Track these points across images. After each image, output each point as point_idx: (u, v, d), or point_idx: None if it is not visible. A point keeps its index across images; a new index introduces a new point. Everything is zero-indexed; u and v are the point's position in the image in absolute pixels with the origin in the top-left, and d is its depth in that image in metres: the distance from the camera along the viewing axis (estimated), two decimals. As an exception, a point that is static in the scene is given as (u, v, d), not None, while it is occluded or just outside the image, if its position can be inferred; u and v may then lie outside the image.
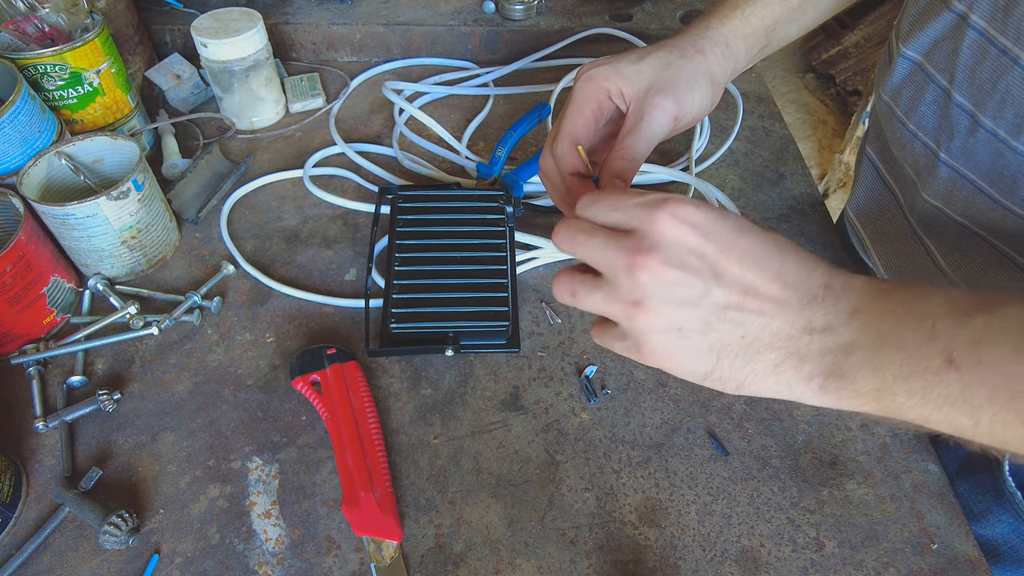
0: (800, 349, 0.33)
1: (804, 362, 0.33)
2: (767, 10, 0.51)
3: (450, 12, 0.92)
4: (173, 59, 0.84)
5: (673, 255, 0.32)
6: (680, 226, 0.32)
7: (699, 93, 0.46)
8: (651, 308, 0.33)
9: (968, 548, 0.49)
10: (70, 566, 0.48)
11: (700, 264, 0.32)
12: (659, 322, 0.33)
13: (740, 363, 0.34)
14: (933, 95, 0.48)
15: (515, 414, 0.56)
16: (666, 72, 0.45)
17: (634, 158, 0.43)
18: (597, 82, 0.45)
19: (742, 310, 0.33)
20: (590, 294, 0.35)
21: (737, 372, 0.34)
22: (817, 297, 0.33)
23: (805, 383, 0.33)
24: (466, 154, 0.77)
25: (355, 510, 0.49)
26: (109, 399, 0.55)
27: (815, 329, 0.32)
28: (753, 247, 0.33)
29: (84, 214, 0.58)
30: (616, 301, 0.34)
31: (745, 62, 0.51)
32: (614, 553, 0.49)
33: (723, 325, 0.33)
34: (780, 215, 0.72)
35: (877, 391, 0.32)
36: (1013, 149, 0.42)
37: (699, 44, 0.48)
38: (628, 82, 0.45)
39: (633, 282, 0.33)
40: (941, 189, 0.49)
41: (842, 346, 0.32)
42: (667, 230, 0.33)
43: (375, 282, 0.64)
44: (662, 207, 0.33)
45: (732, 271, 0.33)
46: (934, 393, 0.30)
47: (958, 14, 0.44)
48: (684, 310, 0.33)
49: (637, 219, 0.34)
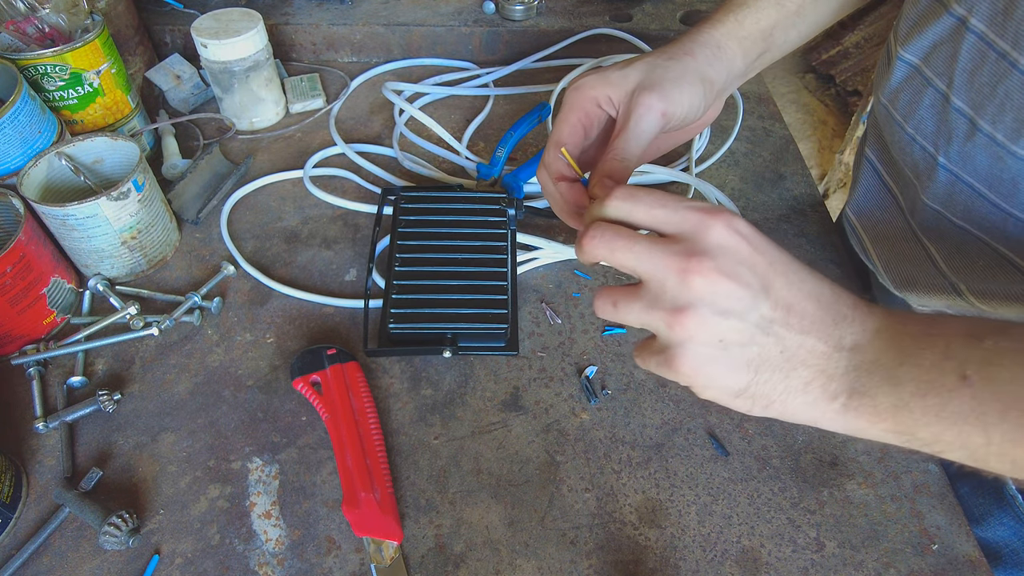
0: (829, 367, 0.34)
1: (831, 380, 0.34)
2: (761, 14, 0.51)
3: (450, 12, 0.92)
4: (173, 60, 0.85)
5: (726, 264, 0.32)
6: (734, 236, 0.33)
7: (688, 90, 0.46)
8: (697, 315, 0.32)
9: (968, 548, 0.49)
10: (70, 567, 0.48)
11: (751, 277, 0.33)
12: (702, 332, 0.33)
13: (777, 379, 0.34)
14: (931, 99, 0.47)
15: (515, 414, 0.56)
16: (653, 73, 0.45)
17: (625, 159, 0.42)
18: (584, 91, 0.46)
19: (784, 325, 0.33)
20: (632, 303, 0.34)
21: (772, 389, 0.34)
22: (847, 317, 0.34)
23: (830, 401, 0.34)
24: (466, 155, 0.77)
25: (355, 510, 0.49)
26: (109, 399, 0.55)
27: (844, 347, 0.34)
28: (793, 265, 0.34)
29: (84, 215, 0.58)
30: (659, 309, 0.33)
31: (743, 65, 0.51)
32: (614, 553, 0.49)
33: (765, 339, 0.33)
34: (780, 215, 0.72)
35: (895, 407, 0.32)
36: (1012, 153, 0.42)
37: (688, 47, 0.48)
38: (615, 87, 0.45)
39: (684, 287, 0.32)
40: (941, 193, 0.49)
41: (866, 363, 0.33)
42: (722, 237, 0.33)
43: (375, 282, 0.64)
44: (719, 216, 0.33)
45: (779, 286, 0.33)
46: (948, 409, 0.31)
47: (957, 18, 0.44)
48: (730, 321, 0.32)
49: (689, 223, 0.33)
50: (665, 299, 0.33)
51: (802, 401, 0.34)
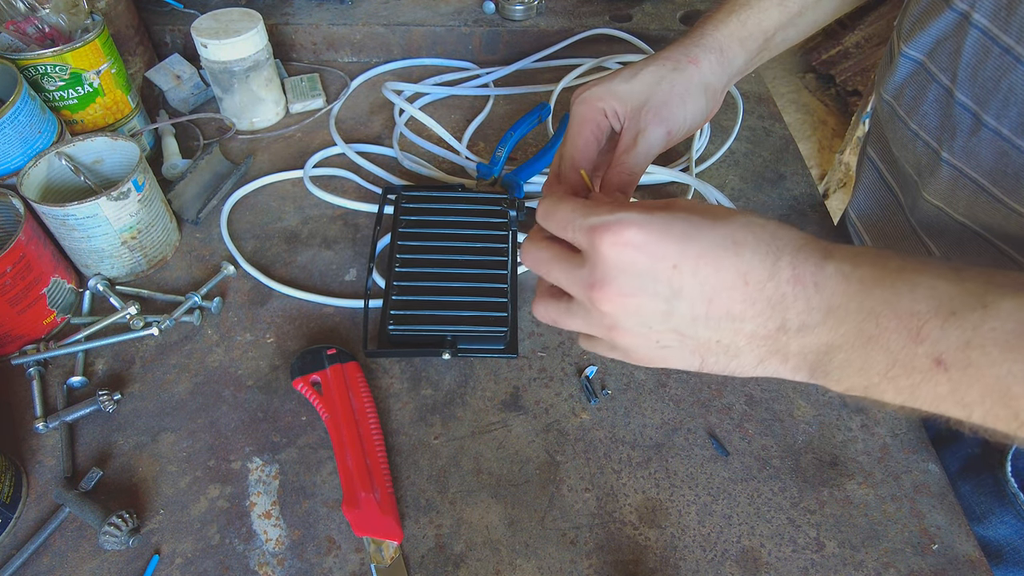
0: (780, 348, 0.32)
1: (787, 359, 0.33)
2: (764, 15, 0.51)
3: (450, 12, 0.92)
4: (173, 60, 0.85)
5: (627, 283, 0.32)
6: (624, 251, 0.32)
7: (692, 106, 0.46)
8: (625, 330, 0.34)
9: (969, 548, 0.49)
10: (70, 567, 0.48)
11: (655, 286, 0.32)
12: (636, 340, 0.34)
13: (725, 360, 0.34)
14: (935, 94, 0.47)
15: (515, 414, 0.56)
16: (659, 88, 0.45)
17: (632, 173, 0.44)
18: (592, 103, 0.46)
19: (709, 319, 0.32)
20: (570, 320, 0.36)
21: (724, 367, 0.34)
22: (787, 295, 0.31)
23: (792, 374, 0.33)
24: (466, 154, 0.77)
25: (355, 510, 0.49)
26: (109, 399, 0.55)
27: (790, 329, 0.32)
28: (706, 252, 0.32)
29: (84, 215, 0.58)
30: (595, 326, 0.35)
31: (743, 65, 0.51)
32: (614, 553, 0.49)
33: (697, 333, 0.33)
34: (780, 215, 0.72)
35: (864, 387, 0.31)
36: (1017, 148, 0.42)
37: (692, 53, 0.48)
38: (621, 101, 0.45)
39: (599, 312, 0.34)
40: (943, 189, 0.49)
41: (822, 346, 0.31)
42: (614, 257, 0.32)
43: (375, 283, 0.64)
44: (604, 233, 0.32)
45: (689, 283, 0.32)
46: (923, 391, 0.30)
47: (960, 13, 0.44)
48: (655, 327, 0.33)
49: (585, 244, 0.33)
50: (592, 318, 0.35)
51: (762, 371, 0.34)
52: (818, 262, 0.31)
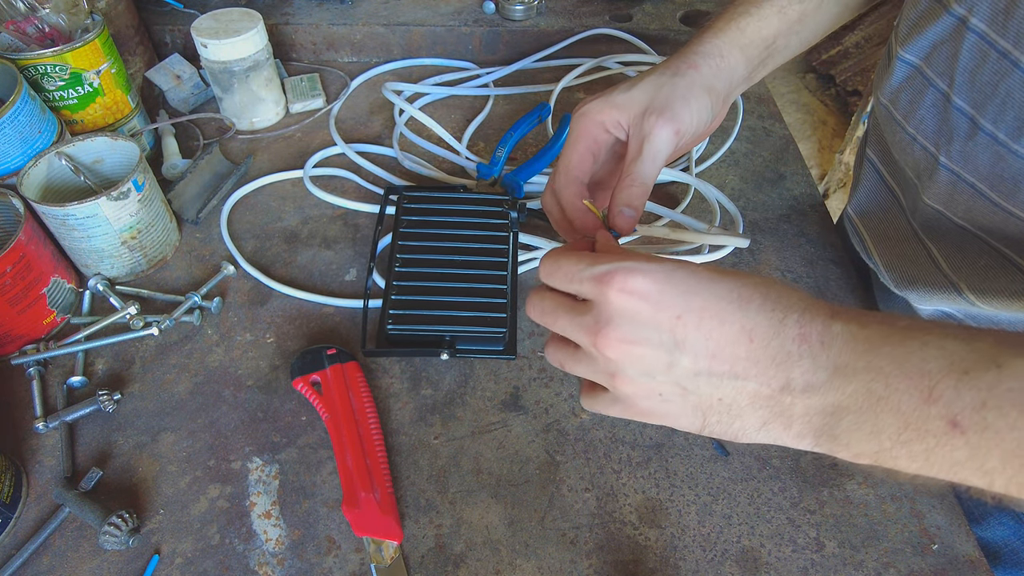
0: (784, 410, 0.31)
1: (791, 422, 0.32)
2: (764, 23, 0.51)
3: (450, 12, 0.92)
4: (173, 59, 0.85)
5: (630, 331, 0.32)
6: (630, 299, 0.32)
7: (696, 105, 0.46)
8: (627, 379, 0.34)
9: (968, 548, 0.49)
10: (70, 567, 0.48)
11: (658, 336, 0.32)
12: (639, 390, 0.34)
13: (728, 420, 0.33)
14: (932, 98, 0.48)
15: (515, 414, 0.56)
16: (659, 93, 0.45)
17: (643, 183, 0.43)
18: (590, 117, 0.45)
19: (712, 375, 0.32)
20: (577, 365, 0.36)
21: (727, 428, 0.33)
22: (792, 354, 0.30)
23: (797, 440, 0.32)
24: (466, 154, 0.77)
25: (355, 510, 0.49)
26: (109, 399, 0.55)
27: (795, 389, 0.31)
28: (710, 305, 0.31)
29: (84, 214, 0.58)
30: (598, 373, 0.35)
31: (745, 72, 0.51)
32: (614, 553, 0.49)
33: (699, 389, 0.32)
34: (780, 215, 0.72)
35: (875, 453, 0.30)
36: (1014, 152, 0.42)
37: (692, 59, 0.48)
38: (622, 110, 0.45)
39: (603, 358, 0.34)
40: (941, 192, 0.49)
41: (828, 407, 0.30)
42: (619, 304, 0.32)
43: (375, 282, 0.64)
44: (610, 282, 0.32)
45: (692, 337, 0.31)
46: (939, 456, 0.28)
47: (958, 17, 0.44)
48: (658, 379, 0.33)
49: (591, 293, 0.34)
50: (597, 365, 0.35)
51: (766, 437, 0.33)
52: (825, 321, 0.31)
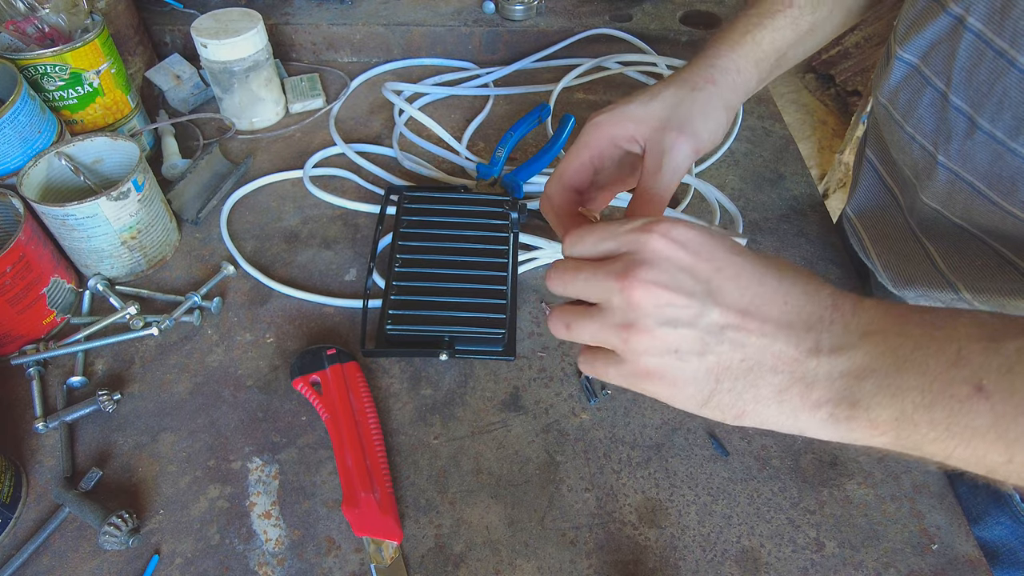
0: (807, 373, 0.31)
1: (812, 387, 0.31)
2: (778, 34, 0.50)
3: (450, 12, 0.92)
4: (173, 59, 0.85)
5: (664, 274, 0.31)
6: (670, 244, 0.32)
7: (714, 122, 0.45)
8: (646, 329, 0.32)
9: (968, 548, 0.49)
10: (70, 567, 0.48)
11: (693, 283, 0.31)
12: (655, 343, 0.32)
13: (741, 387, 0.32)
14: (930, 98, 0.48)
15: (515, 414, 0.57)
16: (679, 108, 0.44)
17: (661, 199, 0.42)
18: (604, 129, 0.44)
19: (740, 330, 0.31)
20: (585, 324, 0.34)
21: (737, 398, 0.32)
22: (824, 318, 0.31)
23: (813, 411, 0.31)
24: (466, 154, 0.77)
25: (355, 510, 0.49)
26: (109, 399, 0.55)
27: (823, 350, 0.30)
28: (749, 266, 0.32)
29: (84, 214, 0.58)
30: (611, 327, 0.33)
31: (756, 85, 0.50)
32: (614, 553, 0.49)
33: (721, 347, 0.31)
34: (780, 215, 0.72)
35: (896, 420, 0.29)
36: (1012, 151, 0.42)
37: (709, 74, 0.46)
38: (639, 124, 0.43)
39: (626, 303, 0.32)
40: (940, 191, 0.49)
41: (854, 370, 0.30)
42: (658, 247, 0.32)
43: (375, 282, 0.64)
44: (654, 228, 0.32)
45: (728, 290, 0.31)
46: (961, 424, 0.28)
47: (955, 16, 0.44)
48: (680, 330, 0.31)
49: (628, 244, 0.33)
50: (614, 317, 0.33)
51: (778, 410, 0.32)
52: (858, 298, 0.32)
